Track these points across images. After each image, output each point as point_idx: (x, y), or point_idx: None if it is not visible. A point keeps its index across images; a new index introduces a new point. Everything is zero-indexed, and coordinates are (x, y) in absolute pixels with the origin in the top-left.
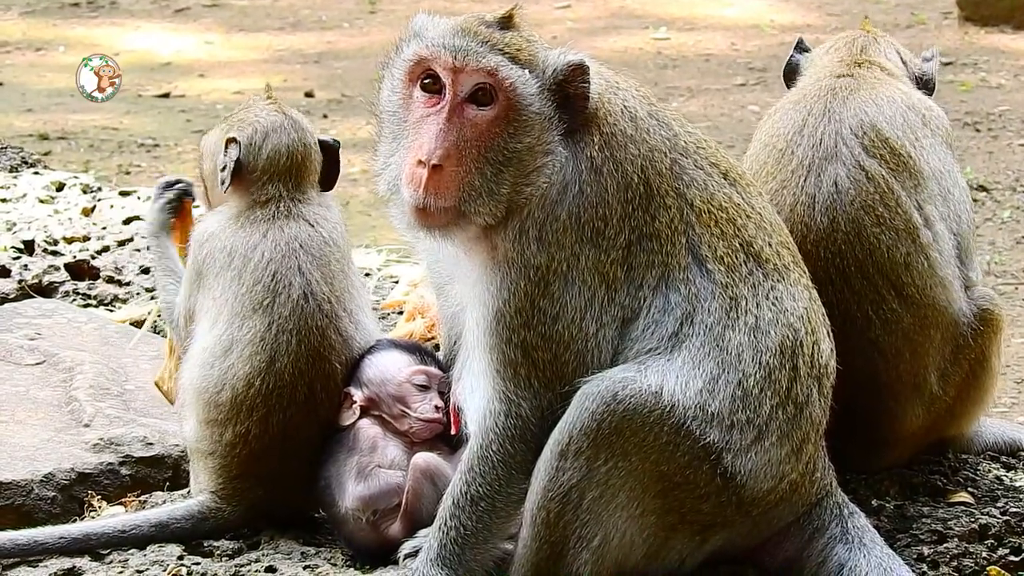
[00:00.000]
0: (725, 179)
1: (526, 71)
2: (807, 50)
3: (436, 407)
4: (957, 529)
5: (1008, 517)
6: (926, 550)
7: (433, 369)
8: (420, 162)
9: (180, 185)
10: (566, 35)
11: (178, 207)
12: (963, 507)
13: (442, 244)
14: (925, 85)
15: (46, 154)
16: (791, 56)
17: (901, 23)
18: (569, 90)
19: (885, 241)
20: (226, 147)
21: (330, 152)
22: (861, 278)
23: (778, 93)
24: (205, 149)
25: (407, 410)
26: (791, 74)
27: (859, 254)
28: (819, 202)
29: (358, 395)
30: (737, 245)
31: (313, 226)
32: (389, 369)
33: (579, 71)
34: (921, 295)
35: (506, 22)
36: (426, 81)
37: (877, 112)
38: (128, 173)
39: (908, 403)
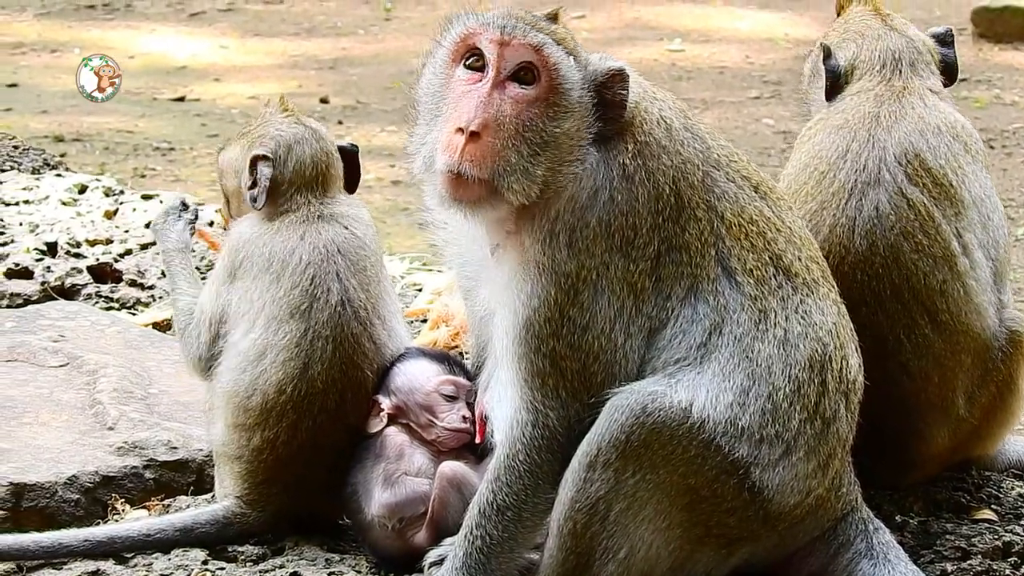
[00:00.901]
0: (756, 192)
1: (571, 57)
2: (830, 55)
3: (463, 417)
4: (981, 546)
5: None
6: (950, 567)
7: (461, 379)
8: (459, 129)
9: (193, 206)
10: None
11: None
12: (987, 524)
13: (471, 224)
14: (949, 74)
15: (62, 156)
16: (829, 66)
17: None
18: (607, 95)
19: (922, 267)
20: (253, 165)
21: (349, 157)
22: (896, 302)
23: (792, 107)
24: (226, 166)
25: (434, 419)
26: (837, 87)
27: (896, 279)
28: (859, 225)
29: (386, 403)
30: (767, 258)
31: (347, 228)
32: (417, 378)
33: (619, 77)
34: (955, 321)
35: (552, 17)
36: (470, 60)
37: (921, 141)
38: (143, 176)
39: (935, 425)
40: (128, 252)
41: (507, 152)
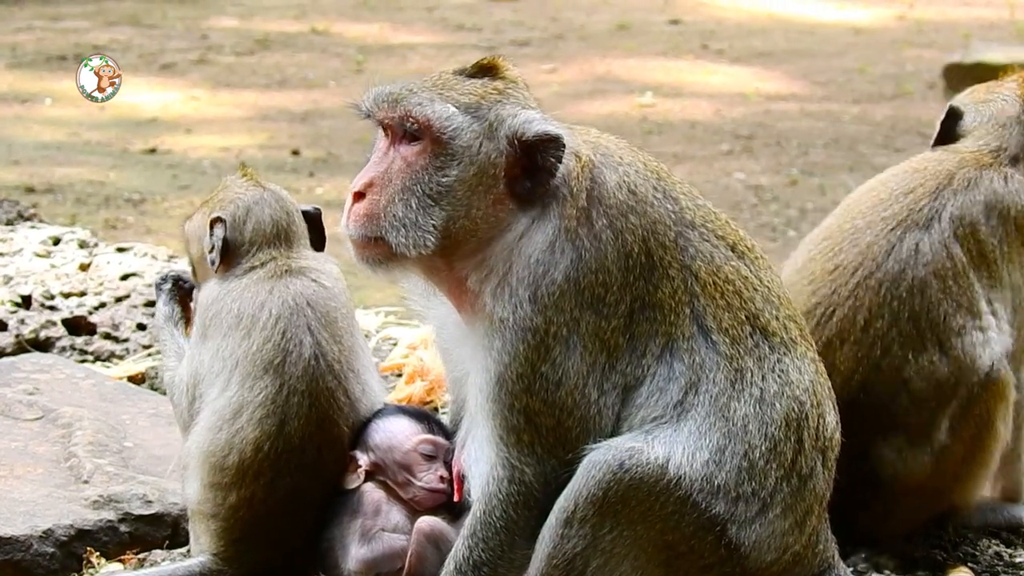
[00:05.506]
0: (733, 252)
1: (452, 108)
2: (960, 116)
3: (441, 477)
4: None
5: None
6: None
7: (440, 439)
8: (351, 194)
9: (173, 275)
10: (551, 99)
11: (179, 296)
12: None
13: (398, 279)
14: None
15: (33, 207)
16: (946, 125)
17: (887, 94)
18: (536, 159)
19: (946, 308)
20: (211, 228)
21: (312, 220)
22: (912, 326)
23: (764, 161)
24: (190, 234)
25: (412, 478)
26: (947, 136)
27: (917, 306)
28: (896, 252)
29: (363, 459)
30: (743, 317)
31: (315, 281)
32: (396, 436)
33: (552, 144)
34: (965, 357)
35: (478, 71)
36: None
37: (981, 215)
38: (115, 227)
39: (917, 447)
40: (103, 305)
41: (393, 207)
